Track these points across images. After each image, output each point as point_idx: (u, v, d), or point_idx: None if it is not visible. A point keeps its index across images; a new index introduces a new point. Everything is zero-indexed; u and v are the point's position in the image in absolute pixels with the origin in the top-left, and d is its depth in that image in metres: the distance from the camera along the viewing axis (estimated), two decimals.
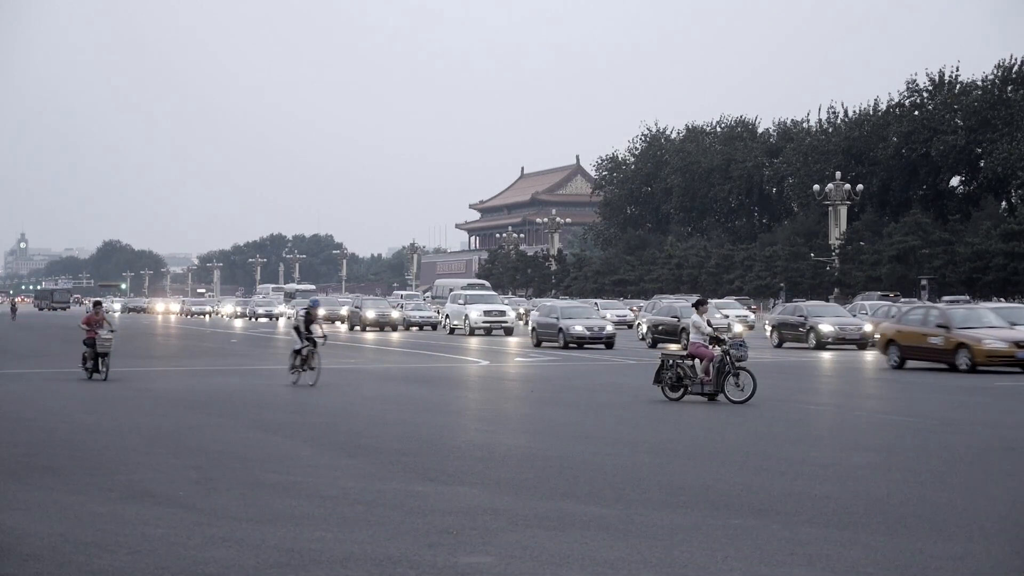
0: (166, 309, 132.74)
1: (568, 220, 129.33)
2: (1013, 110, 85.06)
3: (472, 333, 56.42)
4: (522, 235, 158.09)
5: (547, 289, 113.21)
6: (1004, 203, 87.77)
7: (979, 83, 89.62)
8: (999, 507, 11.48)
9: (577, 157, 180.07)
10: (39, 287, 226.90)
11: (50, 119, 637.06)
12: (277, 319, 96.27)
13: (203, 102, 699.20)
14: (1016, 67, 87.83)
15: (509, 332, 56.83)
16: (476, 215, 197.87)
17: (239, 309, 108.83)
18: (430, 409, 20.96)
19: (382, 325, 64.17)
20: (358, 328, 64.64)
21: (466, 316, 56.98)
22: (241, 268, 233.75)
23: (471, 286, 75.06)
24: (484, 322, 56.68)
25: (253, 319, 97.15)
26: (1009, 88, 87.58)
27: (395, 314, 65.13)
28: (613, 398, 23.49)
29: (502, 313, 57.37)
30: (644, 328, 47.90)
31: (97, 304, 28.59)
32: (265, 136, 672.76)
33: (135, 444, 15.94)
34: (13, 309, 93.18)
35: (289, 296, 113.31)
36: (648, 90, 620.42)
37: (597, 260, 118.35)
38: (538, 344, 45.28)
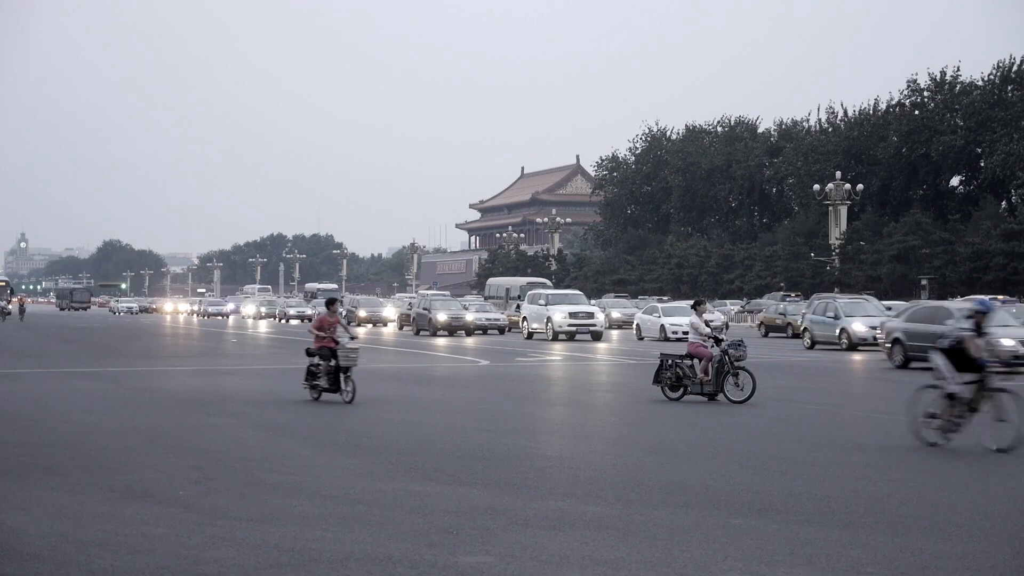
0: (175, 309, 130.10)
1: (568, 220, 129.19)
2: (1013, 110, 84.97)
3: (555, 338, 50.50)
4: (522, 235, 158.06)
5: None
6: (1004, 203, 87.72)
7: (979, 83, 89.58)
8: (999, 507, 11.48)
9: (577, 157, 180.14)
10: (40, 286, 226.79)
11: (50, 119, 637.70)
12: (310, 320, 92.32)
13: (203, 101, 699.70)
14: (1016, 67, 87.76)
15: (597, 337, 50.91)
16: (476, 215, 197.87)
17: (263, 310, 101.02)
18: (429, 409, 20.96)
19: (453, 329, 57.18)
20: (426, 332, 57.57)
21: (548, 319, 51.08)
22: (241, 268, 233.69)
23: (533, 284, 67.30)
24: (570, 325, 50.60)
25: (284, 321, 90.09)
26: (1009, 88, 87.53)
27: (469, 316, 58.18)
28: (613, 398, 23.50)
29: (590, 315, 51.16)
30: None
31: (331, 303, 23.17)
32: (265, 135, 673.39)
33: (135, 444, 15.93)
34: (22, 310, 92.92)
35: (311, 296, 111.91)
36: (648, 90, 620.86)
37: (597, 260, 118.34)
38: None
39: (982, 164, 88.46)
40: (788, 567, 9.06)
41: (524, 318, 54.50)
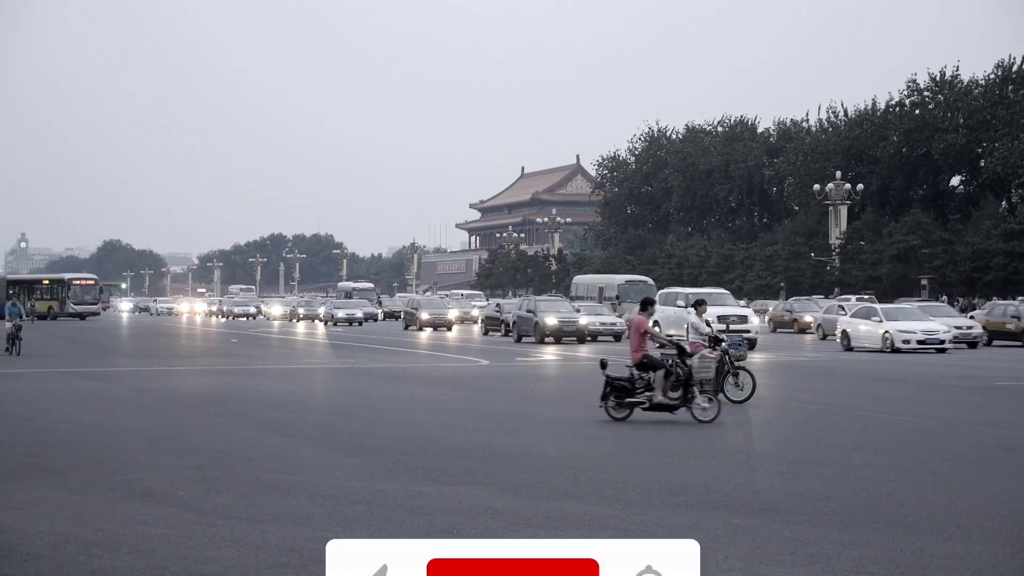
0: (191, 309, 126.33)
1: (568, 220, 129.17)
2: (1013, 110, 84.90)
3: None
4: (522, 235, 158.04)
5: (547, 289, 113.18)
6: (1004, 203, 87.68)
7: (980, 82, 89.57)
8: (999, 507, 11.48)
9: (577, 156, 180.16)
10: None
11: (51, 118, 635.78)
12: (360, 323, 76.91)
13: (203, 101, 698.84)
14: (1016, 67, 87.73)
15: (751, 345, 40.79)
16: (476, 215, 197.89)
17: (301, 311, 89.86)
18: (430, 408, 20.96)
19: (563, 335, 47.91)
20: (529, 339, 48.53)
21: (689, 324, 43.69)
22: (241, 268, 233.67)
23: (632, 282, 60.31)
24: (717, 331, 43.23)
25: (331, 323, 77.11)
26: (1009, 88, 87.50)
27: (583, 320, 48.67)
28: None
29: (742, 319, 42.70)
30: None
31: (648, 304, 20.00)
32: (266, 135, 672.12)
33: (136, 444, 15.94)
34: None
35: (347, 295, 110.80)
36: (649, 89, 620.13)
37: (597, 260, 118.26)
38: None
39: (982, 164, 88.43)
40: (788, 567, 9.06)
41: (656, 322, 45.71)
